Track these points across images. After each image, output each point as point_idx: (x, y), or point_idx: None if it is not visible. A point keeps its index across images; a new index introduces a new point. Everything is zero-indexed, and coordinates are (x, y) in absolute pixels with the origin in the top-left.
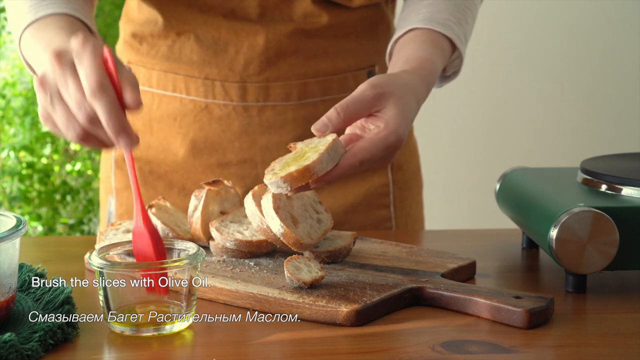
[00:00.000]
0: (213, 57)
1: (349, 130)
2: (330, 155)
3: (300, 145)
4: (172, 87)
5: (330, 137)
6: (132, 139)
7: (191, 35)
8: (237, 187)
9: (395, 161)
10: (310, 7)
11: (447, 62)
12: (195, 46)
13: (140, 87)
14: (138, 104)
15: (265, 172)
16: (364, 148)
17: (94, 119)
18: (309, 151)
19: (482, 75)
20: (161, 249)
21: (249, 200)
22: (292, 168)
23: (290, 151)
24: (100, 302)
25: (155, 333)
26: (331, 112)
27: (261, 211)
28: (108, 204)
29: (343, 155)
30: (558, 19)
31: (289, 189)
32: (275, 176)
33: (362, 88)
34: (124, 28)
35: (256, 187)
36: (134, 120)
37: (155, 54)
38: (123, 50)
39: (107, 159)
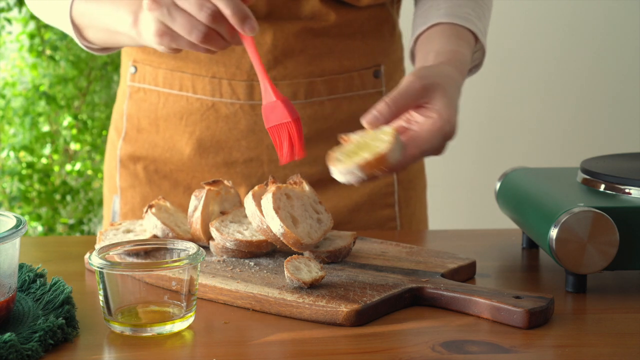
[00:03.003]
0: (220, 55)
1: (393, 122)
2: (397, 144)
3: (354, 136)
4: (178, 85)
5: (389, 129)
6: (256, 24)
7: None
8: (243, 186)
9: None
10: (318, 6)
11: (472, 54)
12: None
13: (147, 86)
14: None
15: (330, 162)
16: (425, 139)
17: (216, 16)
18: (372, 142)
19: (482, 75)
20: (296, 115)
21: (249, 201)
22: (366, 156)
23: (340, 142)
24: (100, 302)
25: (155, 333)
26: (381, 105)
27: (261, 211)
28: (112, 203)
29: (402, 145)
30: (558, 19)
31: (364, 177)
32: (347, 164)
33: (409, 80)
34: None
35: (256, 187)
36: (140, 117)
37: (162, 53)
38: (130, 49)
39: (111, 158)
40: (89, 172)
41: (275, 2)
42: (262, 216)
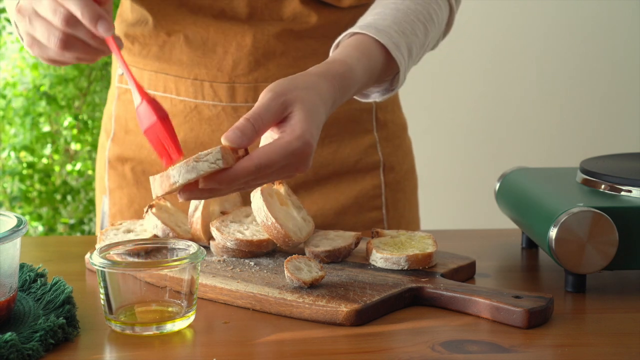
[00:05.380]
0: (202, 57)
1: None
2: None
3: (386, 231)
4: (162, 87)
5: (424, 234)
6: (110, 24)
7: (181, 36)
8: None
9: (387, 162)
10: (299, 7)
11: (376, 68)
12: (185, 46)
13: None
14: None
15: (374, 247)
16: (263, 152)
17: (70, 19)
18: (408, 241)
19: (482, 75)
20: (163, 113)
21: (256, 195)
22: (416, 252)
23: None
24: (101, 302)
25: (157, 332)
26: (243, 123)
27: (268, 207)
28: (102, 203)
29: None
30: (558, 19)
31: (405, 268)
32: (395, 254)
33: (267, 97)
34: (118, 28)
35: (264, 184)
36: (127, 119)
37: (147, 55)
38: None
39: (101, 159)
40: (90, 172)
41: (256, 4)
42: (268, 212)
